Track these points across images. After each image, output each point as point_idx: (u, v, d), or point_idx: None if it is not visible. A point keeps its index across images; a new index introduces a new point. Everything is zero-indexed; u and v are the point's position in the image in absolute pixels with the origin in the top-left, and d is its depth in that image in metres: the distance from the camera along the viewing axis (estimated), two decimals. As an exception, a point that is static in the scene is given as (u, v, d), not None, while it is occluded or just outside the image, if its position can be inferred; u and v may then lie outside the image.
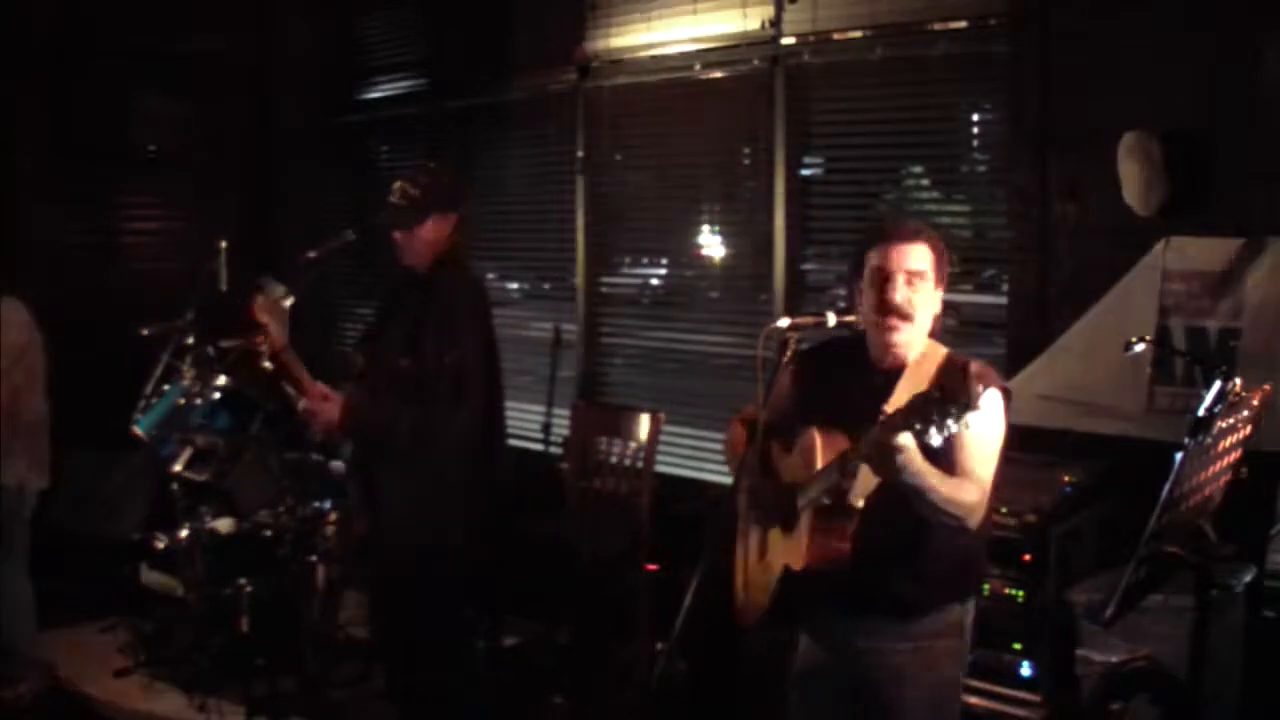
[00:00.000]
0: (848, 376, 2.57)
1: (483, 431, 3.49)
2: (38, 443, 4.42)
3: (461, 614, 3.67)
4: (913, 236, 2.49)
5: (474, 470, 3.47)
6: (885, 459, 2.20)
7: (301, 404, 3.41)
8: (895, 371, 2.51)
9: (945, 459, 2.30)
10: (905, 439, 2.16)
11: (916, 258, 2.46)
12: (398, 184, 3.47)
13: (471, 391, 3.40)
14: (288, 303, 3.44)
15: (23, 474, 4.36)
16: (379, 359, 3.51)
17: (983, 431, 2.34)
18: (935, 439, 2.08)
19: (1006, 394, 2.46)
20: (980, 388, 2.03)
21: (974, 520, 2.38)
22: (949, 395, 2.04)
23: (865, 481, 2.34)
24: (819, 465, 2.43)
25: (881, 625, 2.50)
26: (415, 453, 3.36)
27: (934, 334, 2.57)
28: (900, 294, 2.46)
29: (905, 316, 2.47)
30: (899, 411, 2.16)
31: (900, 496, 2.33)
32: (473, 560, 3.55)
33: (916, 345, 2.52)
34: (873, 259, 2.49)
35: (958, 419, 2.03)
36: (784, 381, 2.67)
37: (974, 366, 2.42)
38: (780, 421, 2.67)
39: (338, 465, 3.82)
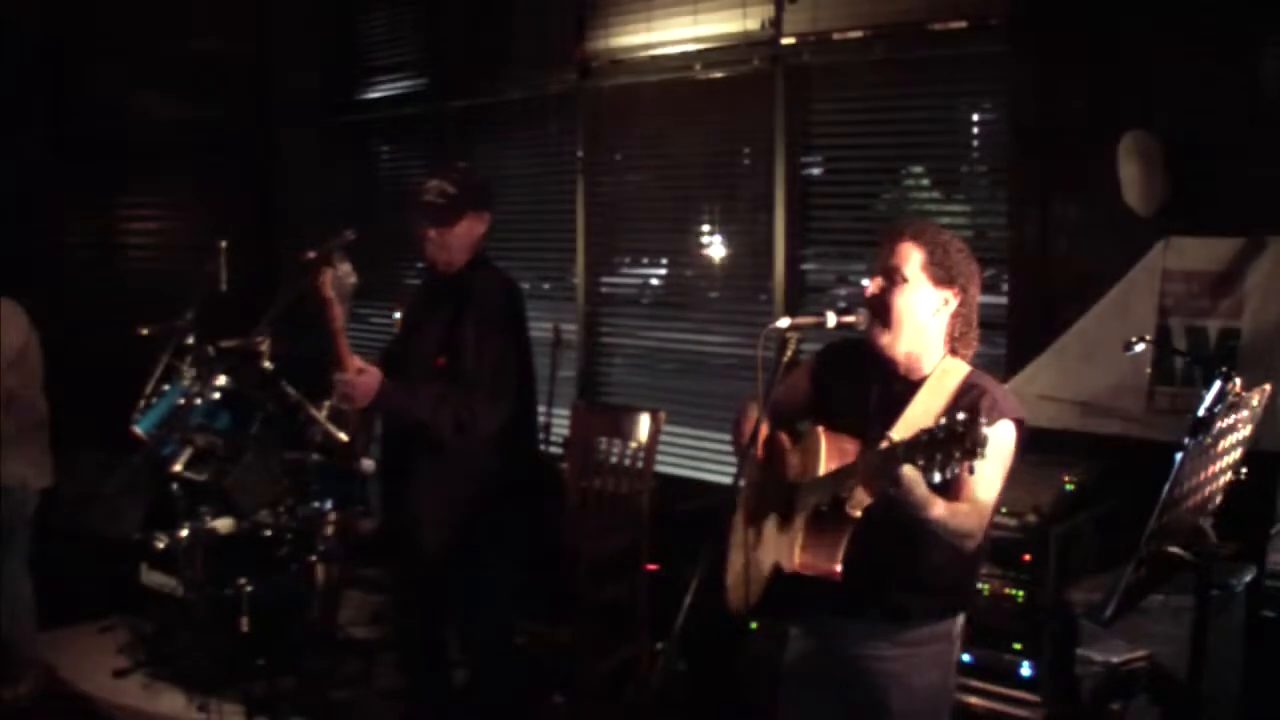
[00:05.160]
0: (868, 379, 2.54)
1: (520, 428, 3.51)
2: (38, 442, 4.42)
3: (505, 612, 3.69)
4: (898, 234, 2.46)
5: (512, 466, 3.49)
6: (883, 487, 2.20)
7: (339, 376, 3.41)
8: (915, 382, 2.48)
9: (948, 485, 2.27)
10: (907, 471, 2.15)
11: (895, 254, 2.44)
12: (434, 182, 3.47)
13: (510, 389, 3.41)
14: (352, 280, 3.48)
15: (24, 473, 4.36)
16: (414, 359, 3.52)
17: (990, 461, 2.25)
18: (936, 478, 2.07)
19: (1020, 424, 2.40)
20: (987, 432, 1.98)
21: (971, 544, 2.37)
22: (955, 438, 2.00)
23: (864, 494, 2.33)
24: (821, 467, 2.42)
25: (873, 629, 2.49)
26: (453, 450, 3.37)
27: (956, 349, 2.50)
28: (874, 289, 2.45)
29: (875, 314, 2.44)
30: (903, 444, 2.13)
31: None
32: (512, 557, 3.57)
33: (920, 353, 2.48)
34: (873, 261, 2.50)
35: (959, 464, 2.01)
36: (801, 373, 2.67)
37: (987, 400, 2.34)
38: (792, 413, 2.66)
39: (368, 464, 3.82)
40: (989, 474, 2.32)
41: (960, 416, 2.01)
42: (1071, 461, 3.47)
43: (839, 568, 2.36)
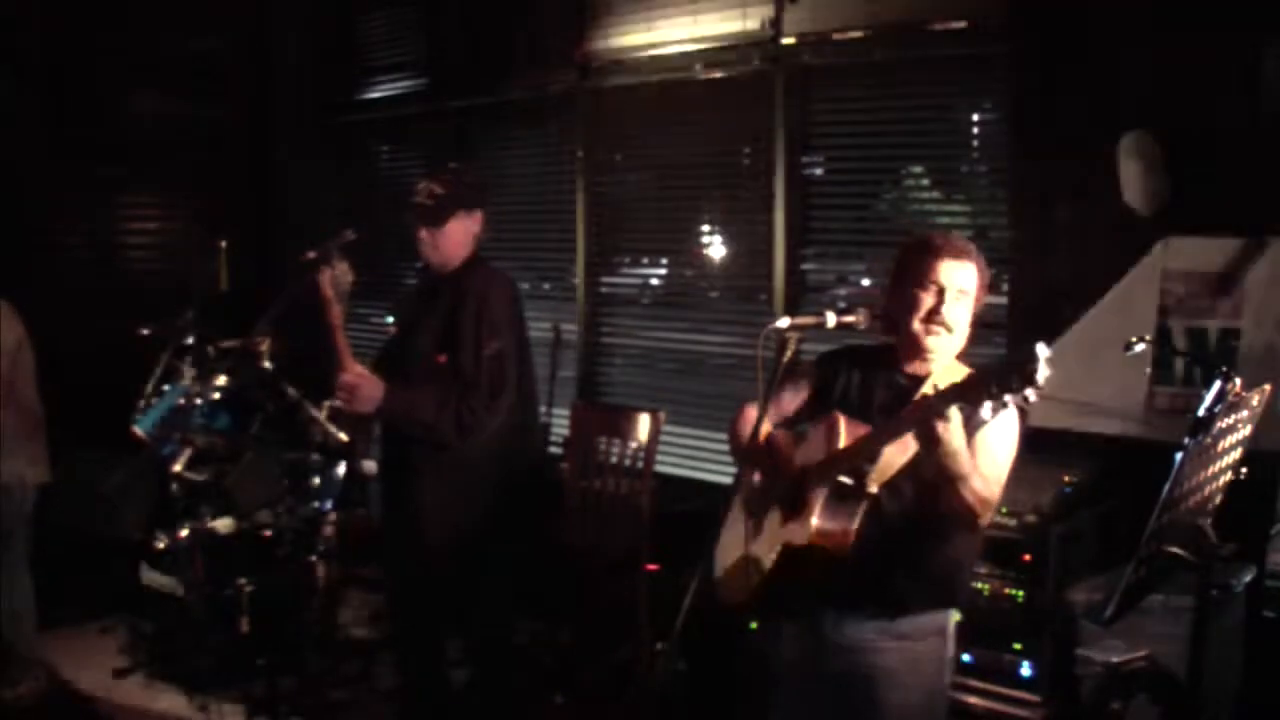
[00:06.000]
0: (872, 381, 2.62)
1: (518, 425, 3.51)
2: (35, 438, 4.42)
3: (505, 612, 3.69)
4: (965, 255, 2.53)
5: (512, 463, 3.49)
6: (932, 426, 2.25)
7: (341, 378, 3.41)
8: (919, 380, 2.54)
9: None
10: (953, 412, 2.21)
11: (968, 277, 2.52)
12: (423, 183, 3.49)
13: (509, 385, 3.42)
14: (349, 279, 3.49)
15: (22, 470, 4.36)
16: (412, 358, 3.52)
17: (1000, 440, 2.44)
18: (986, 412, 2.13)
19: (1023, 414, 2.46)
20: (1038, 369, 2.05)
21: (986, 518, 2.43)
22: (1013, 367, 2.07)
23: (884, 468, 2.40)
24: (841, 446, 2.47)
25: (869, 622, 2.53)
26: (453, 450, 3.37)
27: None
28: (951, 310, 2.51)
29: (949, 329, 2.52)
30: (953, 385, 2.21)
31: (910, 493, 2.42)
32: (512, 557, 3.57)
33: (949, 357, 2.57)
34: (924, 272, 2.51)
35: (1016, 393, 2.07)
36: (802, 381, 2.71)
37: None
38: (793, 419, 2.69)
39: (369, 465, 3.82)
40: (1000, 454, 2.44)
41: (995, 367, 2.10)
42: (1071, 461, 3.47)
43: (853, 532, 2.41)
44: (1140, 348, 3.17)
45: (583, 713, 4.30)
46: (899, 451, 2.41)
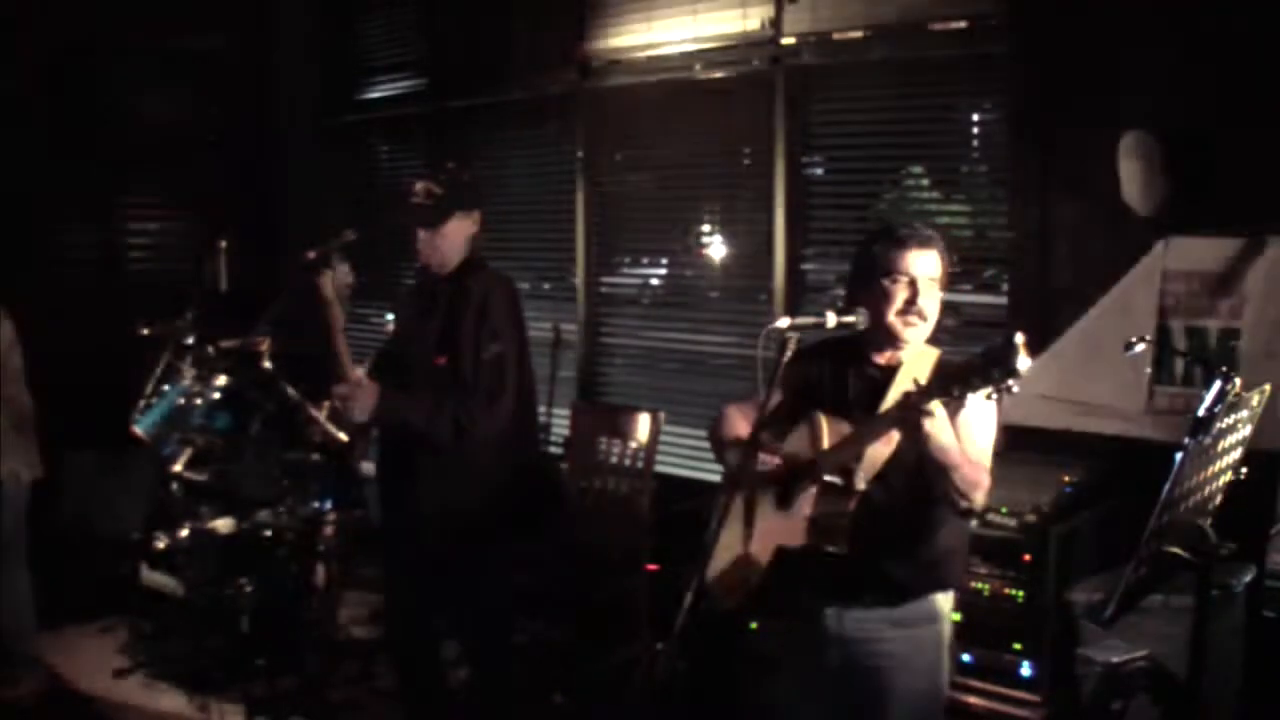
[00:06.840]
0: (844, 373, 2.65)
1: (518, 426, 3.52)
2: (26, 435, 4.43)
3: (505, 612, 3.69)
4: (931, 243, 2.57)
5: (511, 463, 3.49)
6: (917, 423, 2.28)
7: (338, 388, 3.41)
8: (891, 368, 2.58)
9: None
10: (936, 406, 2.26)
11: (934, 264, 2.56)
12: (420, 184, 3.48)
13: (508, 388, 3.42)
14: (349, 281, 3.47)
15: (17, 468, 4.36)
16: (411, 360, 3.52)
17: (980, 423, 2.49)
18: (970, 401, 2.18)
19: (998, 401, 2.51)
20: (1021, 359, 2.09)
21: (979, 500, 2.47)
22: (994, 361, 2.11)
23: (871, 464, 2.44)
24: (825, 446, 2.50)
25: (870, 613, 2.57)
26: (452, 452, 3.37)
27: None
28: (924, 299, 2.54)
29: (924, 318, 2.55)
30: (933, 381, 2.26)
31: (899, 482, 2.47)
32: (512, 557, 3.58)
33: (920, 344, 2.60)
34: (894, 263, 2.54)
35: (998, 385, 2.11)
36: (778, 381, 2.70)
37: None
38: (771, 419, 2.69)
39: (367, 467, 3.82)
40: (981, 436, 2.50)
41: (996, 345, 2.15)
42: (1071, 461, 3.47)
43: (845, 529, 2.45)
44: (1140, 348, 3.16)
45: (583, 713, 4.30)
46: (884, 445, 2.46)
